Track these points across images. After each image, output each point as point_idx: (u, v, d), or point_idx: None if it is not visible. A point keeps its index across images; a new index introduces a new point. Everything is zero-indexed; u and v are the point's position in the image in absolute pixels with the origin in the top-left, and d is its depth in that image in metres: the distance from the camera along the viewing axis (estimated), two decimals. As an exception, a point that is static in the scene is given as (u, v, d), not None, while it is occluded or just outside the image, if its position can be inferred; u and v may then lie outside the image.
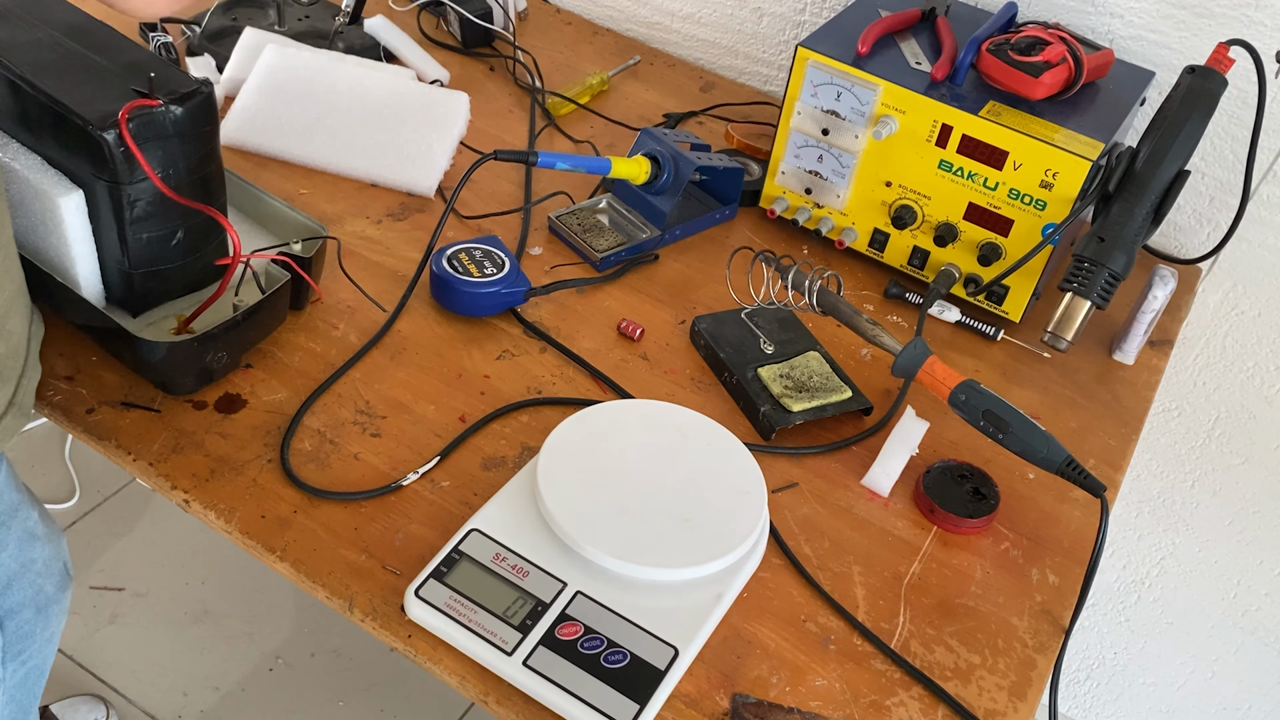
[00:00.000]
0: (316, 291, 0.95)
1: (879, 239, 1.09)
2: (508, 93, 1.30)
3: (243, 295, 0.90)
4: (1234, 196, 1.17)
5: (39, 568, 0.93)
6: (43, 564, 0.94)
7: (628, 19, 1.47)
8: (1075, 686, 1.67)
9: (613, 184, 1.14)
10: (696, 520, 0.77)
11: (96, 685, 1.61)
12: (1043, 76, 1.00)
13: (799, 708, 0.73)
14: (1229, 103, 1.13)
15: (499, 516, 0.78)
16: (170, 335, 0.88)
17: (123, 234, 0.82)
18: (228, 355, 0.86)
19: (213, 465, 0.82)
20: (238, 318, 0.84)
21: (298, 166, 1.12)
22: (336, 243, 1.02)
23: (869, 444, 0.93)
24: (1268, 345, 1.24)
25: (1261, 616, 1.44)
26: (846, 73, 1.03)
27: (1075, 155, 0.96)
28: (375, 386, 0.91)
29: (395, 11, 1.39)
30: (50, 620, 0.97)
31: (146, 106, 0.78)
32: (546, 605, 0.73)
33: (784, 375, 0.94)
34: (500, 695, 0.71)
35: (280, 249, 0.91)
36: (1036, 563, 0.86)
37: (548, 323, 0.99)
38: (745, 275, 1.08)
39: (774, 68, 1.40)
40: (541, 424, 0.90)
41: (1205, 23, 1.12)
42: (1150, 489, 1.41)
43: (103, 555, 1.77)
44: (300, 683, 1.65)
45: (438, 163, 1.13)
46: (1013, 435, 0.85)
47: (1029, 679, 0.78)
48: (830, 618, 0.79)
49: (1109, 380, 1.04)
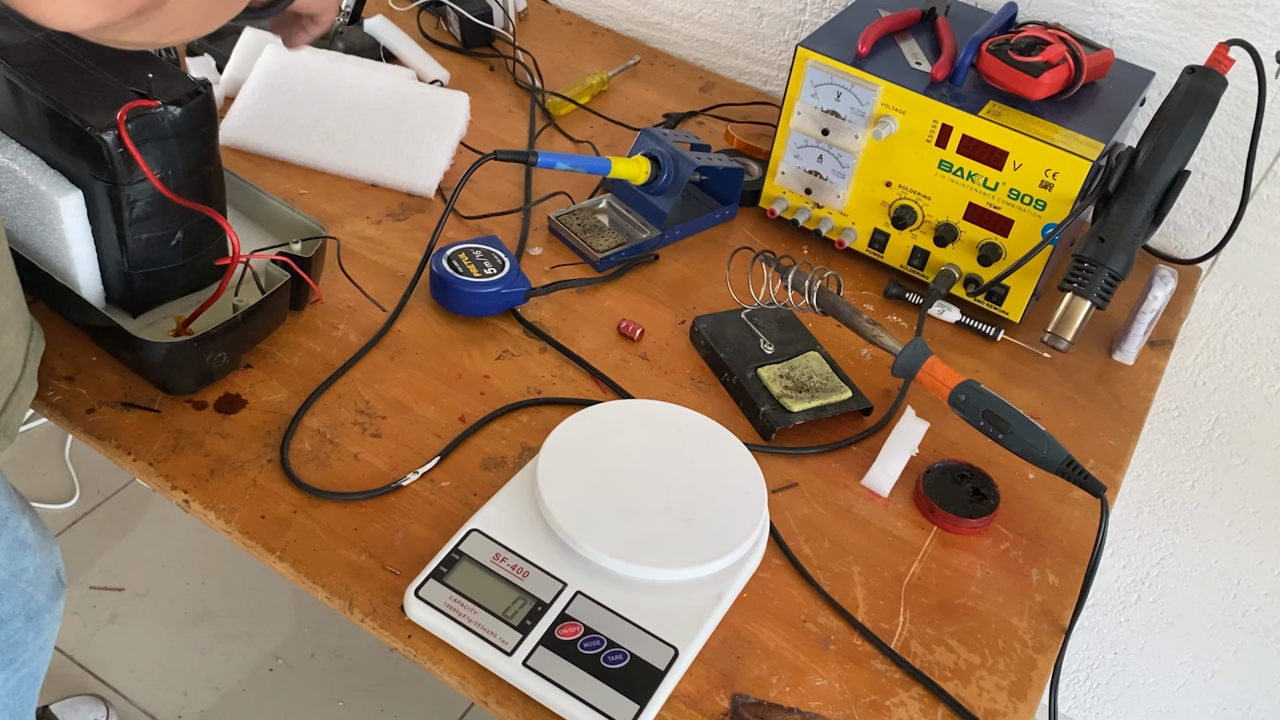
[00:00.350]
0: (316, 292, 0.95)
1: (879, 239, 1.09)
2: (508, 93, 1.30)
3: (242, 295, 0.90)
4: (1234, 196, 1.17)
5: (30, 576, 0.92)
6: (34, 572, 0.93)
7: (628, 19, 1.47)
8: (1075, 686, 1.67)
9: (613, 184, 1.14)
10: (696, 520, 0.77)
11: (96, 685, 1.61)
12: (1043, 76, 1.00)
13: (799, 708, 0.73)
14: (1229, 103, 1.13)
15: (499, 516, 0.77)
16: (170, 336, 0.88)
17: (122, 235, 0.82)
18: (227, 355, 0.86)
19: (213, 465, 0.82)
20: (237, 318, 0.84)
21: (297, 166, 1.12)
22: (336, 243, 1.02)
23: (869, 444, 0.93)
24: (1268, 345, 1.24)
25: (1261, 616, 1.44)
26: (846, 73, 1.03)
27: (1075, 155, 0.96)
28: (375, 386, 0.91)
29: (395, 11, 1.39)
30: (42, 629, 0.96)
31: (145, 107, 0.78)
32: (546, 605, 0.73)
33: (784, 375, 0.94)
34: (500, 695, 0.71)
35: (280, 249, 0.91)
36: (1036, 563, 0.86)
37: (548, 323, 0.99)
38: (745, 275, 1.08)
39: (774, 68, 1.40)
40: (541, 424, 0.90)
41: (1205, 23, 1.12)
42: (1150, 489, 1.41)
43: (103, 555, 1.77)
44: (300, 683, 1.65)
45: (438, 163, 1.13)
46: (1013, 435, 0.85)
47: (1029, 679, 0.78)
48: (830, 618, 0.79)
49: (1109, 380, 1.04)
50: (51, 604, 0.96)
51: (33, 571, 0.93)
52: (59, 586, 0.97)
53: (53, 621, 0.98)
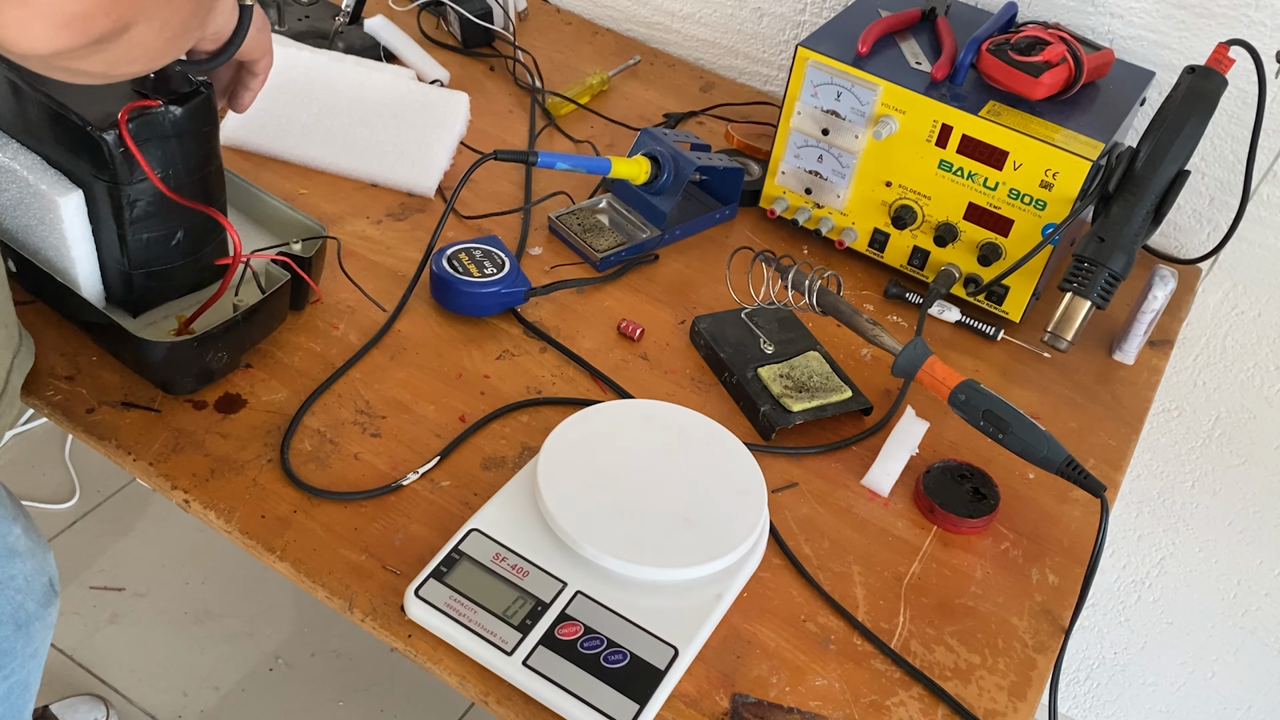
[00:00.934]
0: (316, 292, 0.95)
1: (879, 239, 1.09)
2: (508, 93, 1.30)
3: (243, 295, 0.90)
4: (1234, 196, 1.17)
5: (19, 584, 0.91)
6: (23, 580, 0.91)
7: (628, 19, 1.47)
8: (1075, 686, 1.67)
9: (613, 184, 1.14)
10: (696, 520, 0.77)
11: (96, 685, 1.61)
12: (1043, 76, 1.00)
13: (799, 708, 0.73)
14: (1229, 103, 1.13)
15: (499, 516, 0.78)
16: (171, 335, 0.88)
17: (122, 234, 0.82)
18: (228, 355, 0.86)
19: (213, 465, 0.82)
20: (238, 318, 0.84)
21: (298, 166, 1.12)
22: (336, 242, 1.02)
23: (869, 444, 0.93)
24: (1268, 345, 1.24)
25: (1261, 616, 1.44)
26: (846, 73, 1.03)
27: (1075, 155, 0.96)
28: (375, 386, 0.91)
29: (395, 11, 1.39)
30: (33, 637, 0.95)
31: (146, 106, 0.78)
32: (546, 605, 0.73)
33: (784, 375, 0.95)
34: (500, 695, 0.71)
35: (280, 249, 0.91)
36: (1036, 563, 0.86)
37: (548, 323, 0.99)
38: (745, 275, 1.08)
39: (774, 68, 1.40)
40: (541, 424, 0.90)
41: (1205, 23, 1.12)
42: (1150, 489, 1.41)
43: (103, 555, 1.77)
44: (300, 683, 1.65)
45: (438, 163, 1.13)
46: (1013, 435, 0.85)
47: (1029, 679, 0.78)
48: (830, 618, 0.79)
49: (1109, 380, 1.04)
50: (43, 612, 0.95)
51: (22, 579, 0.91)
52: (51, 594, 0.96)
53: (44, 629, 0.97)
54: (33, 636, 0.95)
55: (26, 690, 0.98)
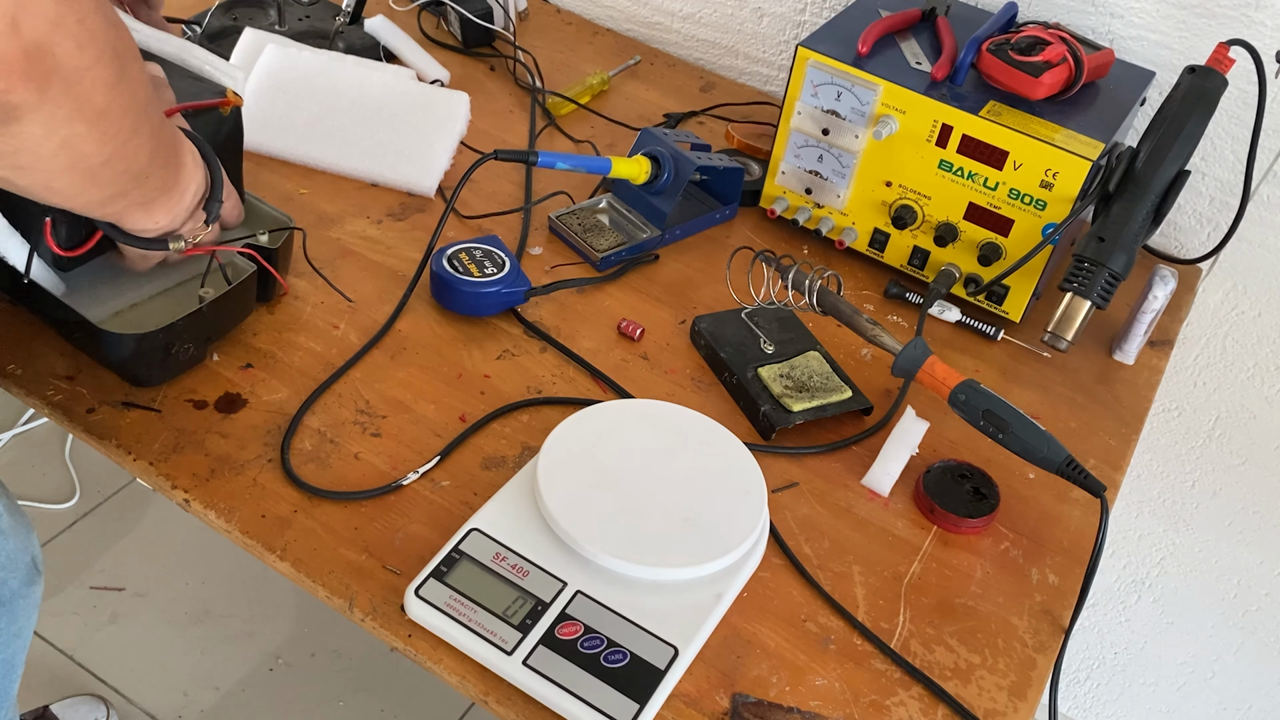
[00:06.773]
0: (283, 284, 0.95)
1: (879, 239, 1.09)
2: (508, 93, 1.30)
3: (209, 286, 0.89)
4: (1234, 196, 1.17)
5: (1, 561, 0.92)
6: (5, 558, 0.91)
7: (628, 19, 1.47)
8: (1075, 686, 1.67)
9: (613, 184, 1.14)
10: (696, 520, 0.77)
11: (96, 685, 1.61)
12: (1043, 76, 1.00)
13: (799, 707, 0.73)
14: (1229, 103, 1.13)
15: (499, 516, 0.78)
16: (178, 253, 0.82)
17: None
18: (194, 347, 0.86)
19: (213, 465, 0.82)
20: (202, 309, 0.84)
21: (298, 166, 1.12)
22: (302, 234, 1.01)
23: (869, 444, 0.93)
24: (1268, 345, 1.24)
25: (1261, 616, 1.44)
26: (847, 73, 1.03)
27: (1075, 155, 0.96)
28: (375, 386, 0.91)
29: (395, 11, 1.39)
30: (16, 615, 0.95)
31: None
32: (546, 605, 0.73)
33: (784, 375, 0.95)
34: (500, 695, 0.71)
35: (245, 240, 0.90)
36: (1036, 563, 0.86)
37: (548, 322, 0.99)
38: (745, 275, 1.08)
39: (774, 68, 1.40)
40: (541, 424, 0.90)
41: (1205, 23, 1.12)
42: (1150, 489, 1.41)
43: (103, 555, 1.77)
44: (300, 683, 1.65)
45: (438, 163, 1.13)
46: (1013, 435, 0.85)
47: (1029, 679, 0.78)
48: (830, 617, 0.79)
49: (1109, 380, 1.04)
50: (26, 590, 0.95)
51: (5, 556, 0.91)
52: (34, 574, 0.95)
53: (28, 609, 0.96)
54: (16, 615, 0.95)
55: (12, 670, 0.98)
